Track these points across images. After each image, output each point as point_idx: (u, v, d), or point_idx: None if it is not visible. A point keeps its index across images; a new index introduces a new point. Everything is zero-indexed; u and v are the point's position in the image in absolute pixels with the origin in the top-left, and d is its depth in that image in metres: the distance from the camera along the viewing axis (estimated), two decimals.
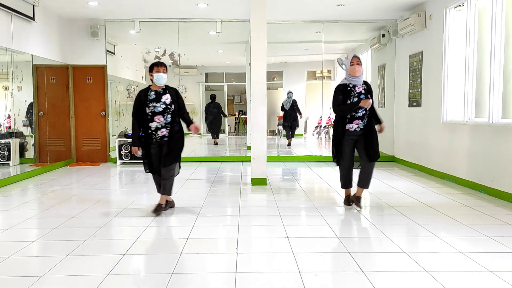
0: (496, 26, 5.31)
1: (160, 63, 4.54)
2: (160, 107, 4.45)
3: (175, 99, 4.53)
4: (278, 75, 14.38)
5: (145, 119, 4.48)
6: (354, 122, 4.65)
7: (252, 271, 2.99)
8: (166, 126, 4.50)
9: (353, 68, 4.57)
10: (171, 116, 4.50)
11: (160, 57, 9.94)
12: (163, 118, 4.47)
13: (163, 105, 4.46)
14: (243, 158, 9.29)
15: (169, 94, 4.52)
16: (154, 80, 4.47)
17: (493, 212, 4.61)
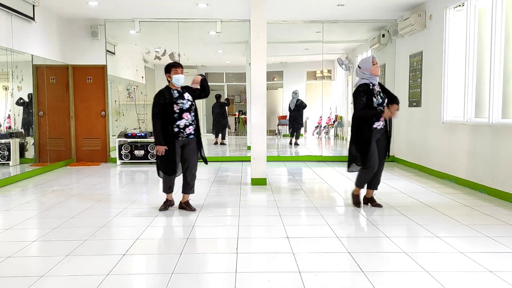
0: (496, 26, 5.31)
1: (178, 64, 4.57)
2: (186, 103, 4.51)
3: (193, 96, 4.62)
4: (278, 75, 14.39)
5: (171, 118, 4.45)
6: (380, 120, 4.64)
7: (252, 271, 2.99)
8: (192, 124, 4.57)
9: (375, 67, 4.67)
10: (194, 113, 4.59)
11: (160, 57, 9.94)
12: (190, 116, 4.53)
13: (188, 102, 4.53)
14: (243, 158, 9.29)
15: (188, 92, 4.60)
16: (174, 81, 4.49)
17: (493, 212, 4.61)
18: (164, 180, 4.72)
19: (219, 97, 12.43)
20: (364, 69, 4.71)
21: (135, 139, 8.68)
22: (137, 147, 8.64)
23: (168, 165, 4.57)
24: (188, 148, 4.61)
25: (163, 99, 4.47)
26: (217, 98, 12.43)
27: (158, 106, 4.47)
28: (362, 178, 4.85)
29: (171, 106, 4.45)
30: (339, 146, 12.20)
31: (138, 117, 10.73)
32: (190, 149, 4.62)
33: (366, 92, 4.61)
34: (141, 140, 8.70)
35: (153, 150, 8.64)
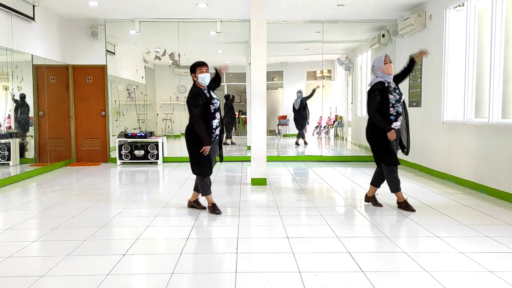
0: (496, 26, 5.31)
1: (203, 63, 4.56)
2: (217, 103, 4.51)
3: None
4: (278, 75, 14.39)
5: (206, 118, 4.40)
6: (399, 118, 4.60)
7: (252, 271, 2.99)
8: (219, 124, 4.55)
9: (387, 66, 4.62)
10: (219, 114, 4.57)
11: (160, 57, 9.94)
12: (219, 115, 4.53)
13: (218, 101, 4.54)
14: (243, 158, 9.29)
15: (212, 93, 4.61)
16: (200, 80, 4.44)
17: (493, 212, 4.61)
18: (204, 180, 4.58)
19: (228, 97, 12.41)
20: (376, 68, 4.67)
21: (135, 139, 8.68)
22: (137, 147, 8.64)
23: (208, 165, 4.50)
24: (212, 148, 4.53)
25: (202, 99, 4.38)
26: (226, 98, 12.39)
27: (199, 107, 4.36)
28: (395, 181, 4.72)
29: (208, 106, 4.39)
30: (339, 146, 12.21)
31: (138, 117, 10.73)
32: (214, 149, 4.58)
33: (381, 91, 4.55)
34: (141, 140, 8.70)
35: (153, 150, 8.64)
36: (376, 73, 4.69)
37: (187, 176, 7.17)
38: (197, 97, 4.38)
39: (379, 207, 4.86)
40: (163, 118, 12.36)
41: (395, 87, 4.70)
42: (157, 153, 8.68)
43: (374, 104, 4.56)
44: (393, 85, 4.70)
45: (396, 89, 4.68)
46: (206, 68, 4.52)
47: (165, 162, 8.92)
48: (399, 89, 4.72)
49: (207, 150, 4.38)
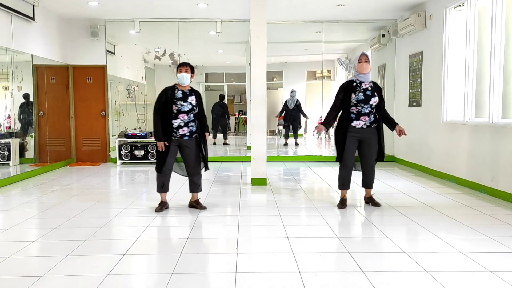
0: (496, 26, 5.31)
1: (185, 63, 4.63)
2: (186, 106, 4.54)
3: (198, 101, 4.66)
4: (278, 75, 14.39)
5: (168, 116, 4.53)
6: (361, 118, 4.64)
7: (252, 271, 2.99)
8: (188, 125, 4.59)
9: (360, 65, 4.62)
10: (193, 116, 4.63)
11: (160, 57, 9.94)
12: (187, 117, 4.56)
13: (189, 105, 4.56)
14: (243, 158, 9.29)
15: (194, 96, 4.64)
16: (178, 79, 4.56)
17: (493, 212, 4.61)
18: (156, 177, 4.74)
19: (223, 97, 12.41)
20: (353, 66, 4.76)
21: (135, 139, 8.68)
22: (137, 147, 8.64)
23: (161, 162, 4.62)
24: (186, 149, 4.65)
25: (165, 97, 4.54)
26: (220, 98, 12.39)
27: (159, 103, 4.55)
28: (340, 177, 4.89)
29: (170, 105, 4.51)
30: None
31: (138, 117, 10.73)
32: (188, 150, 4.66)
33: (345, 89, 4.67)
34: (141, 140, 8.70)
35: (153, 150, 8.64)
36: (353, 71, 4.76)
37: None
38: (161, 94, 4.58)
39: (378, 207, 4.86)
40: None
41: (367, 87, 4.64)
42: None
43: (334, 103, 4.78)
44: (365, 86, 4.64)
45: (368, 90, 4.62)
46: (185, 69, 4.56)
47: None
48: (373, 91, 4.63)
49: (159, 146, 4.54)
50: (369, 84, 4.68)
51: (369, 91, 4.65)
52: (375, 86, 4.74)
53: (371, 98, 4.63)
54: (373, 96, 4.64)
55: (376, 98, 4.64)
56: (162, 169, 4.63)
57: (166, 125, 4.54)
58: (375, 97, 4.64)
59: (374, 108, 4.68)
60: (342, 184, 4.92)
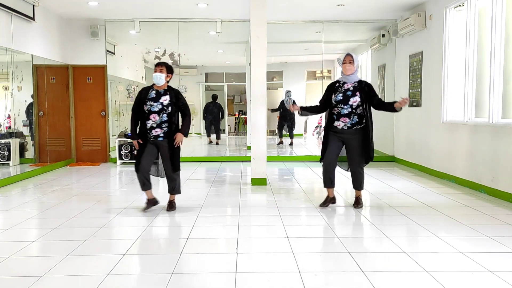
0: (496, 26, 5.31)
1: (160, 63, 4.60)
2: (156, 106, 4.51)
3: (173, 101, 4.56)
4: (278, 75, 14.39)
5: (143, 116, 4.56)
6: (340, 119, 4.62)
7: (252, 271, 2.99)
8: (161, 126, 4.54)
9: (344, 66, 4.60)
10: (167, 117, 4.54)
11: (160, 57, 9.94)
12: (159, 117, 4.52)
13: (160, 105, 4.51)
14: (243, 158, 9.29)
15: (169, 95, 4.57)
16: (153, 79, 4.55)
17: (493, 212, 4.61)
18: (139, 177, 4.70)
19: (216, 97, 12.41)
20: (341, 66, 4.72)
21: None
22: None
23: (137, 161, 4.64)
24: (161, 149, 4.64)
25: (139, 96, 4.58)
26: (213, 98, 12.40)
27: (135, 102, 4.61)
28: (322, 176, 4.87)
29: (142, 105, 4.54)
30: None
31: None
32: (163, 151, 4.64)
33: (329, 89, 4.72)
34: None
35: None
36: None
37: (187, 176, 7.17)
38: (138, 93, 4.65)
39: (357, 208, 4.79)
40: None
41: (349, 88, 4.59)
42: None
43: (320, 100, 4.80)
44: (347, 87, 4.60)
45: (349, 90, 4.57)
46: (159, 68, 4.54)
47: None
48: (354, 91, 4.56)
49: (135, 144, 4.61)
50: (352, 84, 4.61)
51: (350, 91, 4.58)
52: (361, 85, 4.60)
53: (350, 98, 4.55)
54: (354, 96, 4.55)
55: (356, 98, 4.54)
56: (138, 168, 4.60)
57: (142, 125, 4.58)
58: (355, 97, 4.54)
59: (357, 108, 4.55)
60: (324, 182, 4.87)
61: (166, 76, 4.57)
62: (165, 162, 4.68)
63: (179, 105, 4.62)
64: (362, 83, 4.64)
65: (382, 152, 9.42)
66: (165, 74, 4.54)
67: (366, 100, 4.59)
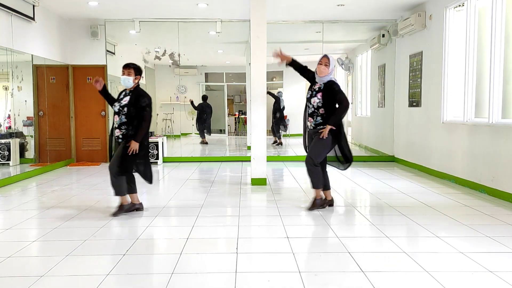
0: (496, 26, 5.31)
1: (128, 64, 4.56)
2: (116, 107, 4.51)
3: (132, 102, 4.41)
4: (278, 75, 14.39)
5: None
6: (308, 119, 4.67)
7: (252, 271, 2.99)
8: (120, 128, 4.47)
9: (318, 67, 4.56)
10: (125, 118, 4.41)
11: (160, 57, 9.95)
12: (118, 118, 4.49)
13: (118, 106, 4.50)
14: (243, 158, 9.29)
15: (130, 97, 4.46)
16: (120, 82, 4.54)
17: (493, 212, 4.61)
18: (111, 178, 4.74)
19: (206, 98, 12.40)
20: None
21: None
22: None
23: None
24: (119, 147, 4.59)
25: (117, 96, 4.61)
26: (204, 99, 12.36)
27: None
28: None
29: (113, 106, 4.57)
30: None
31: None
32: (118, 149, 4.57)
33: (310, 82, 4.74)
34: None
35: (154, 150, 8.64)
36: None
37: (187, 176, 7.17)
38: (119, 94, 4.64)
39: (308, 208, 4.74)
40: (163, 118, 12.37)
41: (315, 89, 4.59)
42: (157, 153, 8.68)
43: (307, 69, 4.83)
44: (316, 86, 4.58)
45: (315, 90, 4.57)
46: (128, 71, 4.51)
47: (165, 162, 8.91)
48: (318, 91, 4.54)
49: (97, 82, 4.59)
50: (320, 85, 4.58)
51: (315, 91, 4.58)
52: (326, 87, 4.53)
53: (311, 98, 4.59)
54: (315, 96, 4.55)
55: (316, 99, 4.53)
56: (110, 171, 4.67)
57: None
58: (315, 98, 4.54)
59: (318, 109, 4.53)
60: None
61: (135, 78, 4.52)
62: (113, 159, 4.61)
63: (137, 107, 4.39)
64: (329, 85, 4.54)
65: (382, 152, 9.42)
66: (133, 76, 4.49)
67: (330, 102, 4.51)
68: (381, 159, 9.05)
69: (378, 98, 9.80)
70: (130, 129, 4.42)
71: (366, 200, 5.50)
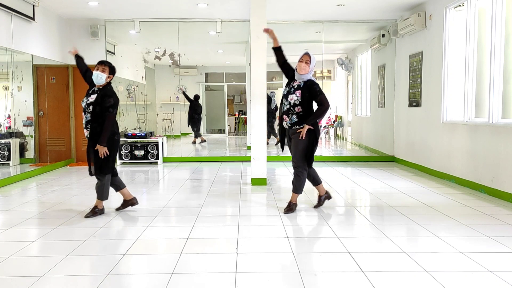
0: (496, 26, 5.31)
1: (103, 62, 4.53)
2: (83, 104, 4.42)
3: (98, 101, 4.32)
4: (278, 75, 14.38)
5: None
6: (283, 116, 4.59)
7: (252, 271, 2.99)
8: (87, 127, 4.36)
9: (299, 64, 4.49)
10: (90, 116, 4.31)
11: (160, 57, 9.95)
12: (85, 116, 4.39)
13: (85, 104, 4.40)
14: (243, 158, 9.29)
15: (97, 95, 4.38)
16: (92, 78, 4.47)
17: (493, 212, 4.61)
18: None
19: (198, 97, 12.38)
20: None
21: (135, 139, 8.68)
22: (137, 147, 8.64)
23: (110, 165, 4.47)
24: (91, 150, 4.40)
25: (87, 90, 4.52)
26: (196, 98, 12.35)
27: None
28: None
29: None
30: (339, 146, 12.21)
31: (138, 117, 10.74)
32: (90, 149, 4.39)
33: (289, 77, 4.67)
34: (141, 140, 8.70)
35: (153, 150, 8.65)
36: None
37: (187, 176, 7.17)
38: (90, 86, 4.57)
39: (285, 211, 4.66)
40: (163, 118, 12.37)
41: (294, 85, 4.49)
42: (157, 153, 8.68)
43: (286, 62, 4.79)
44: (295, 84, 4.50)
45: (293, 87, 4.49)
46: (102, 68, 4.48)
47: (165, 162, 8.92)
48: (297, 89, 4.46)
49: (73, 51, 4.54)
50: (299, 82, 4.51)
51: (294, 88, 4.50)
52: (305, 85, 4.45)
53: (289, 95, 4.49)
54: (293, 93, 4.45)
55: (294, 96, 4.43)
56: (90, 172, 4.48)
57: None
58: (293, 95, 4.45)
59: (295, 107, 4.44)
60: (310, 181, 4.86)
61: (107, 77, 4.45)
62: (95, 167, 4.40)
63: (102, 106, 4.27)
64: (309, 84, 4.46)
65: (382, 152, 9.42)
66: (106, 74, 4.43)
67: (308, 101, 4.45)
68: (381, 159, 9.06)
69: (378, 98, 9.80)
70: (95, 127, 4.29)
71: (366, 200, 5.50)
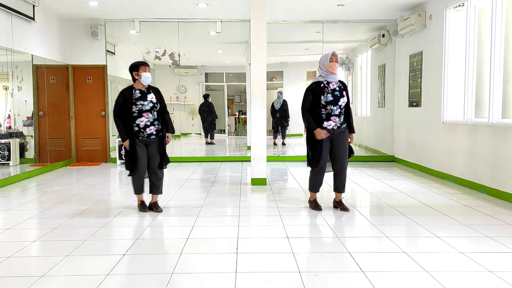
0: (496, 26, 5.31)
1: (145, 63, 4.64)
2: (147, 105, 4.51)
3: (158, 98, 4.63)
4: (278, 75, 14.39)
5: (130, 117, 4.48)
6: (331, 119, 4.55)
7: (252, 271, 2.99)
8: (154, 124, 4.56)
9: (332, 64, 4.51)
10: (157, 114, 4.60)
11: (160, 57, 9.94)
12: (151, 115, 4.53)
13: (150, 103, 4.52)
14: (243, 158, 9.29)
15: (153, 93, 4.61)
16: (142, 79, 4.52)
17: (493, 212, 4.61)
18: (132, 180, 4.68)
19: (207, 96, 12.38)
20: (321, 65, 4.61)
21: None
22: None
23: (130, 163, 4.57)
24: (150, 148, 4.60)
25: (122, 98, 4.50)
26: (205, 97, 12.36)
27: (117, 106, 4.53)
28: (312, 181, 4.81)
29: (130, 106, 4.47)
30: None
31: None
32: (152, 149, 4.61)
33: (313, 91, 4.56)
34: None
35: None
36: (321, 70, 4.62)
37: (187, 176, 7.17)
38: (119, 97, 4.54)
39: (346, 211, 4.68)
40: None
41: (335, 88, 4.55)
42: None
43: (306, 105, 4.61)
44: (333, 86, 4.54)
45: (336, 90, 4.53)
46: (148, 68, 4.61)
47: None
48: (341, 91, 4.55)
49: (126, 144, 4.52)
50: (337, 84, 4.58)
51: (337, 91, 4.55)
52: (343, 85, 4.63)
53: (340, 98, 4.54)
54: (342, 96, 4.55)
55: (344, 99, 4.56)
56: (135, 172, 4.56)
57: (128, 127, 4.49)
58: (344, 97, 4.56)
59: (344, 108, 4.60)
60: (316, 187, 4.83)
61: None
62: (154, 159, 4.61)
63: (162, 102, 4.66)
64: (344, 84, 4.67)
65: (382, 152, 9.42)
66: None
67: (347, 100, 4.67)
68: (381, 159, 9.06)
69: (378, 98, 9.80)
70: (160, 123, 4.62)
71: (366, 200, 5.50)
